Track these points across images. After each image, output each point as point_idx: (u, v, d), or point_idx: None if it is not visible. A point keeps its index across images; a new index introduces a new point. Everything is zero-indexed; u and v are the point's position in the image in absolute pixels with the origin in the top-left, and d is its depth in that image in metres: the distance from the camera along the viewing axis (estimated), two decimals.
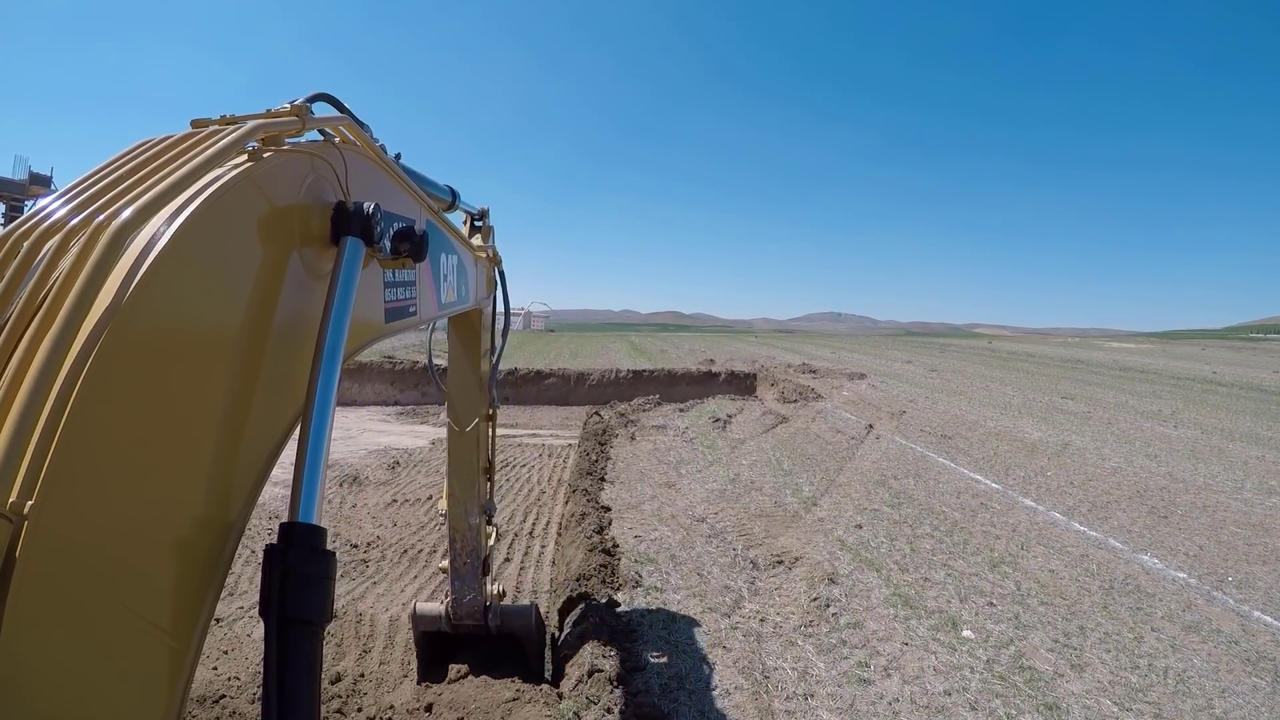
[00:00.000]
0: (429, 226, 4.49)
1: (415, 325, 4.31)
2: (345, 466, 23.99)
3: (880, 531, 13.30)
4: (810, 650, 8.83)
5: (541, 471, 22.81)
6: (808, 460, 19.99)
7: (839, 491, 16.45)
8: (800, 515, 14.49)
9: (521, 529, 16.85)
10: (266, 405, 2.45)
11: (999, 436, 23.13)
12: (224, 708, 9.56)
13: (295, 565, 2.25)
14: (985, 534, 13.18)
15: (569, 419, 33.38)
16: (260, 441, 2.43)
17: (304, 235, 2.67)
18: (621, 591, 10.58)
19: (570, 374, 40.08)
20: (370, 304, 3.50)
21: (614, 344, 77.00)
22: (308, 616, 2.27)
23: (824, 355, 59.76)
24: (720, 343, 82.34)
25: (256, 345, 2.38)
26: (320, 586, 2.32)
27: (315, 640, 2.30)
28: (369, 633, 11.88)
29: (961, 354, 68.98)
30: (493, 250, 7.04)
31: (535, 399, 38.41)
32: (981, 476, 17.79)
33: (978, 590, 10.59)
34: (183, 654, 2.00)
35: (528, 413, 36.10)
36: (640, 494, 16.42)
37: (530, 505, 18.87)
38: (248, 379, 2.33)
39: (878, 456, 20.34)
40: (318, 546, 2.34)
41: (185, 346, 1.99)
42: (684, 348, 68.43)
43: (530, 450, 26.34)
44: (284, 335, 2.55)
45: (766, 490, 16.54)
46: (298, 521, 2.33)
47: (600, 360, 49.86)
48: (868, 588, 10.71)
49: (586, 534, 12.90)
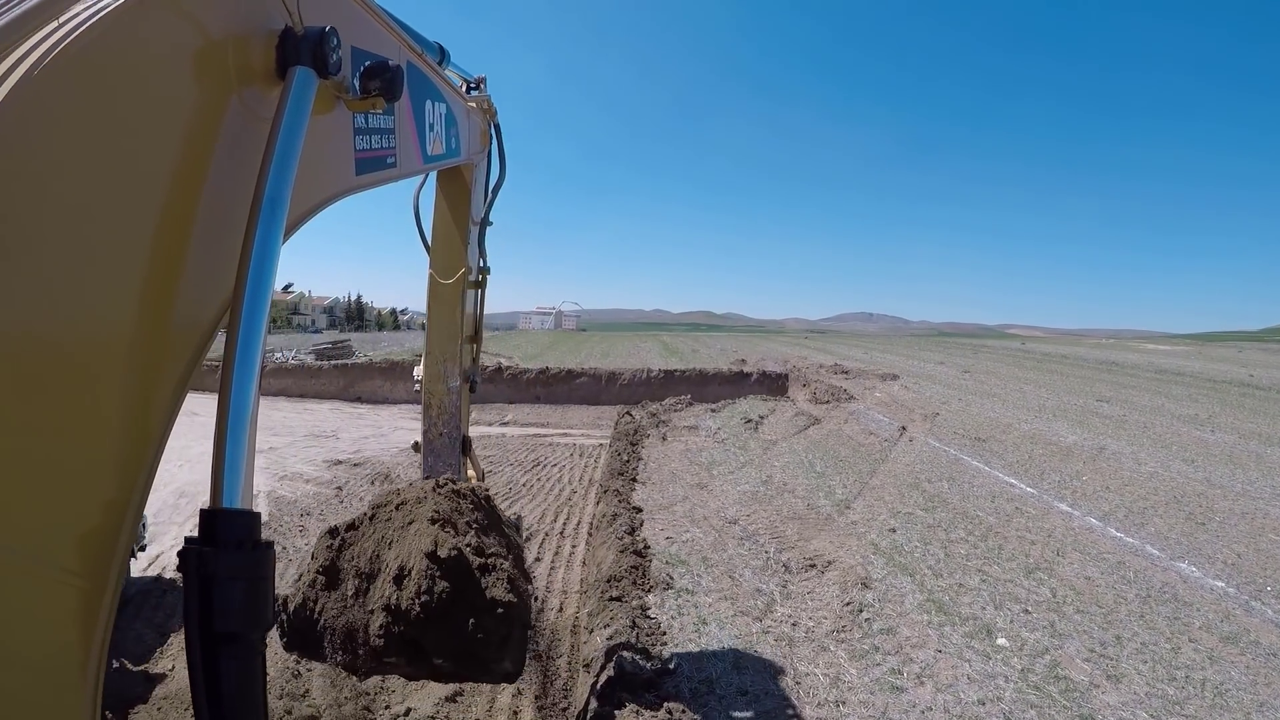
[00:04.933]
0: (409, 68, 4.04)
1: (395, 179, 3.94)
2: (377, 464, 24.13)
3: (914, 535, 13.18)
4: (842, 656, 8.76)
5: (572, 471, 22.84)
6: (840, 462, 19.89)
7: (872, 494, 16.34)
8: (833, 518, 14.41)
9: (552, 529, 16.88)
10: (192, 289, 2.07)
11: (1033, 440, 22.86)
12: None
13: (220, 568, 1.94)
14: (1020, 539, 13.03)
15: (600, 418, 33.44)
16: (183, 333, 2.05)
17: (243, 72, 2.25)
18: (653, 593, 10.57)
19: (602, 373, 40.11)
20: (336, 152, 3.09)
21: (645, 344, 76.96)
22: (237, 629, 1.98)
23: (856, 356, 59.40)
24: (752, 343, 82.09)
25: (177, 218, 2.00)
26: (253, 589, 2.01)
27: (251, 658, 2.03)
28: None
29: (995, 355, 68.37)
30: (487, 102, 6.51)
31: (566, 398, 38.40)
32: (1016, 480, 17.59)
33: (1013, 597, 10.47)
34: (98, 594, 1.74)
35: (559, 412, 36.17)
36: (672, 495, 16.40)
37: (561, 505, 18.90)
38: (167, 256, 1.96)
39: (911, 459, 20.16)
40: (246, 539, 2.01)
41: (68, 219, 1.62)
42: (715, 347, 68.31)
43: (561, 450, 26.39)
44: (218, 201, 2.16)
45: (799, 492, 16.47)
46: (220, 508, 1.98)
47: (632, 360, 49.82)
48: (901, 593, 10.61)
49: (618, 535, 12.89)
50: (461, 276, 6.84)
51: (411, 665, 4.22)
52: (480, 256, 7.10)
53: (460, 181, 6.69)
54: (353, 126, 3.18)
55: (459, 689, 10.00)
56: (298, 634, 4.38)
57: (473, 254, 6.97)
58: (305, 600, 4.36)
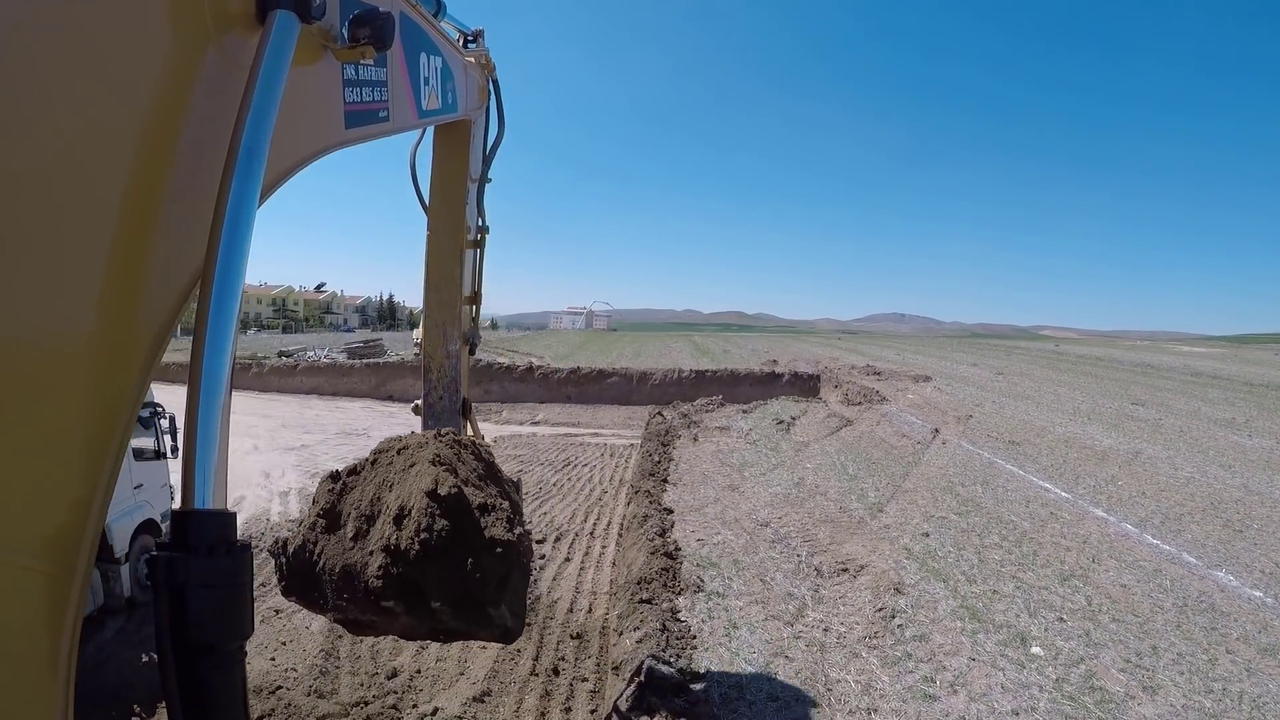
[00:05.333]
0: (402, 18, 3.90)
1: (388, 133, 3.84)
2: None
3: (948, 540, 13.09)
4: (874, 662, 8.71)
5: (603, 471, 22.89)
6: (873, 465, 19.80)
7: (905, 498, 16.25)
8: (866, 522, 14.34)
9: (582, 529, 16.94)
10: (161, 260, 1.95)
11: (1068, 443, 22.65)
12: (279, 699, 9.73)
13: (192, 575, 1.82)
14: (1055, 545, 12.90)
15: (631, 419, 33.48)
16: (154, 302, 1.94)
17: (220, 17, 2.14)
18: (683, 596, 10.55)
19: (633, 373, 40.18)
20: (325, 104, 2.98)
21: (677, 344, 76.95)
22: (215, 640, 1.87)
23: (888, 357, 59.06)
24: (783, 343, 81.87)
25: (148, 178, 1.89)
26: (230, 597, 1.91)
27: (230, 669, 1.92)
28: None
29: (1028, 357, 67.78)
30: (485, 57, 6.33)
31: (597, 398, 38.49)
32: (1051, 485, 17.43)
33: (1047, 604, 10.36)
34: (67, 580, 1.67)
35: (590, 411, 36.29)
36: (703, 496, 16.39)
37: (591, 505, 18.95)
38: (135, 221, 1.85)
39: (944, 462, 20.05)
40: (219, 542, 1.89)
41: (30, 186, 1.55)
42: (747, 348, 68.16)
43: (592, 449, 26.45)
44: (193, 162, 2.04)
45: (831, 495, 16.41)
46: (193, 510, 1.88)
47: (663, 360, 49.87)
48: (934, 599, 10.53)
49: (648, 536, 12.88)
50: (460, 236, 6.70)
51: (410, 613, 4.16)
52: (479, 215, 6.95)
53: (458, 138, 6.50)
54: (342, 78, 3.08)
55: (487, 689, 10.06)
56: (296, 577, 4.29)
57: (471, 213, 6.81)
58: (305, 543, 4.29)
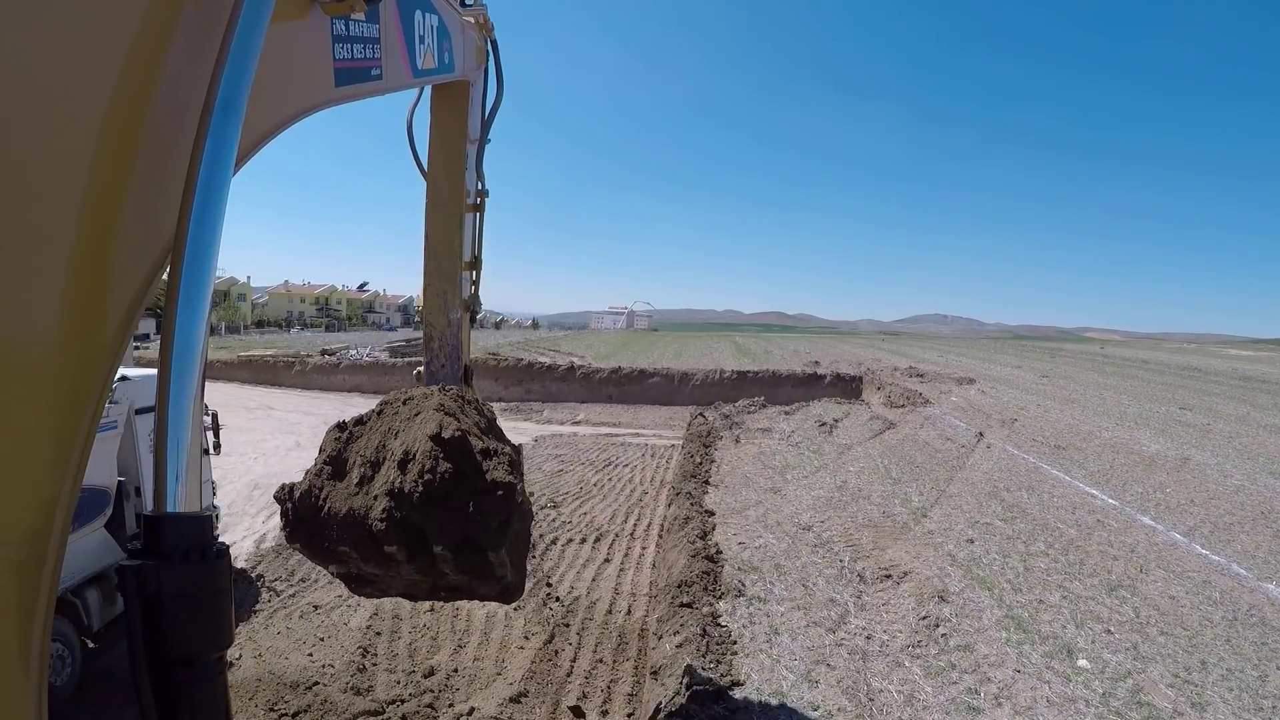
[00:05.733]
0: None
1: (381, 92, 3.78)
2: None
3: (993, 547, 12.96)
4: (918, 672, 8.63)
5: (644, 472, 22.86)
6: (916, 468, 19.65)
7: (949, 503, 16.12)
8: (909, 527, 14.23)
9: (623, 530, 16.91)
10: (136, 227, 1.87)
11: (1115, 448, 22.38)
12: (315, 695, 9.79)
13: (165, 584, 1.73)
14: (1102, 554, 12.73)
15: (672, 419, 33.42)
16: (124, 278, 1.85)
17: None
18: (724, 600, 10.53)
19: (674, 373, 40.14)
20: (313, 60, 2.89)
21: (718, 344, 76.88)
22: (193, 651, 1.78)
23: (931, 359, 58.66)
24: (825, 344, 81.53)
25: (120, 142, 1.80)
26: (207, 605, 1.82)
27: (210, 682, 1.83)
28: (465, 627, 12.05)
29: (1073, 359, 67.02)
30: (483, 16, 6.16)
31: (639, 398, 38.50)
32: (1097, 491, 17.21)
33: (1094, 616, 10.23)
34: (36, 573, 1.60)
35: (630, 412, 36.29)
36: (745, 499, 16.33)
37: (632, 506, 18.92)
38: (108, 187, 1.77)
39: (989, 466, 19.88)
40: (194, 548, 1.80)
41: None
42: (788, 349, 67.98)
43: (633, 450, 26.43)
44: (168, 124, 1.93)
45: (874, 499, 16.30)
46: (164, 513, 1.79)
47: (704, 360, 49.81)
48: (979, 608, 10.43)
49: (689, 539, 12.86)
50: (460, 201, 6.55)
51: (412, 561, 4.20)
52: (478, 179, 6.76)
53: (456, 100, 6.32)
54: (330, 33, 3.01)
55: (524, 689, 10.08)
56: (302, 523, 4.34)
57: (470, 177, 6.64)
58: (310, 488, 4.34)
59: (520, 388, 39.86)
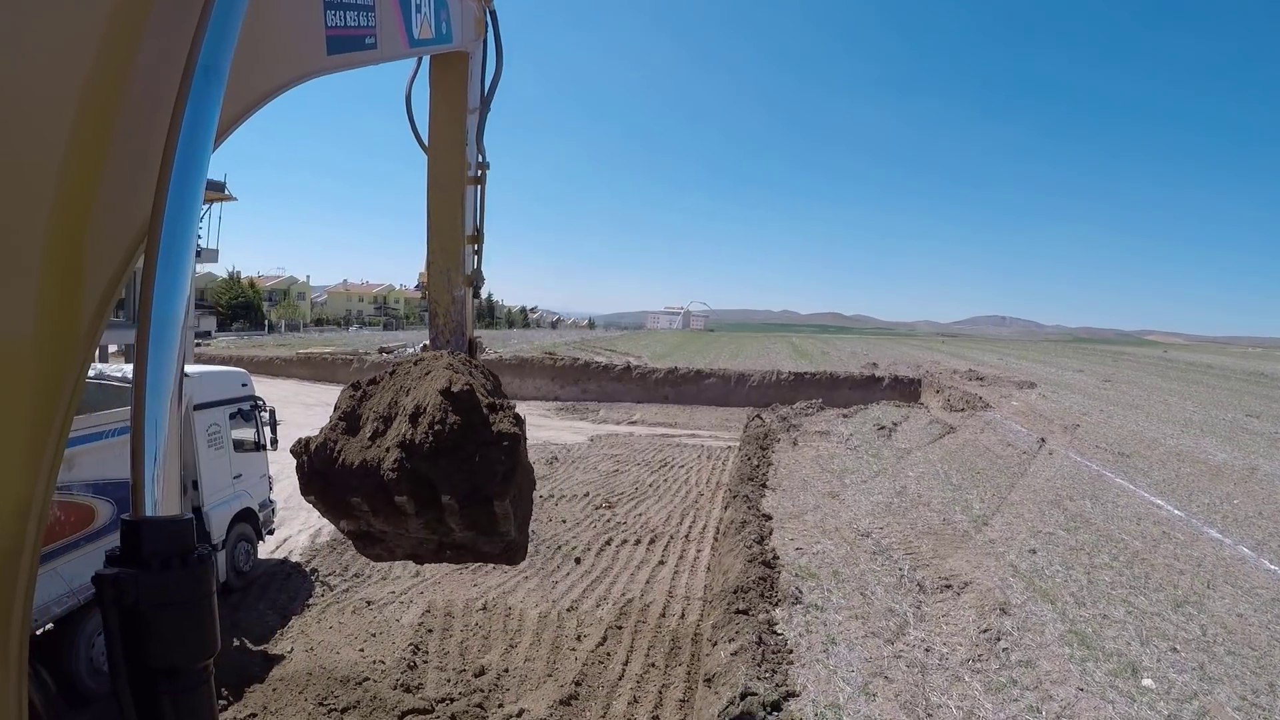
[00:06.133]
0: None
1: (376, 61, 3.66)
2: None
3: (1055, 558, 12.52)
4: (978, 688, 8.28)
5: (700, 473, 22.68)
6: (977, 475, 19.19)
7: (1011, 511, 15.68)
8: (970, 535, 13.84)
9: (678, 532, 16.74)
10: (112, 208, 1.76)
11: (1180, 457, 21.66)
12: (365, 691, 9.73)
13: (144, 594, 1.61)
14: (1168, 568, 12.22)
15: (729, 420, 33.20)
16: (99, 263, 1.75)
17: None
18: (780, 607, 10.26)
19: (730, 374, 39.92)
20: (302, 27, 2.78)
21: (775, 345, 76.35)
22: (177, 662, 1.68)
23: (990, 361, 57.69)
24: (882, 346, 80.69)
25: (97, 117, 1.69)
26: (191, 613, 1.71)
27: (195, 692, 1.73)
28: (517, 627, 11.94)
29: (1135, 363, 65.46)
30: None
31: (695, 399, 38.33)
32: (1163, 501, 16.62)
33: (1160, 633, 9.77)
34: (11, 569, 1.53)
35: (687, 412, 36.10)
36: (802, 503, 16.03)
37: (687, 508, 18.74)
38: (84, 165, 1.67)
39: (1051, 474, 19.34)
40: (174, 554, 1.68)
41: None
42: (846, 350, 67.34)
43: (689, 451, 26.25)
44: (146, 94, 1.82)
45: (934, 505, 15.92)
46: (144, 518, 1.68)
47: (761, 361, 49.46)
48: (1041, 621, 10.03)
49: (746, 543, 12.61)
50: (461, 176, 6.40)
51: (420, 515, 4.30)
52: (479, 152, 6.62)
53: (455, 72, 6.17)
54: (322, 0, 2.93)
55: (574, 692, 9.94)
56: (318, 476, 4.41)
57: (471, 149, 6.50)
58: (326, 442, 4.44)
59: (576, 387, 39.92)
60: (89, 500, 9.92)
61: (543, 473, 22.83)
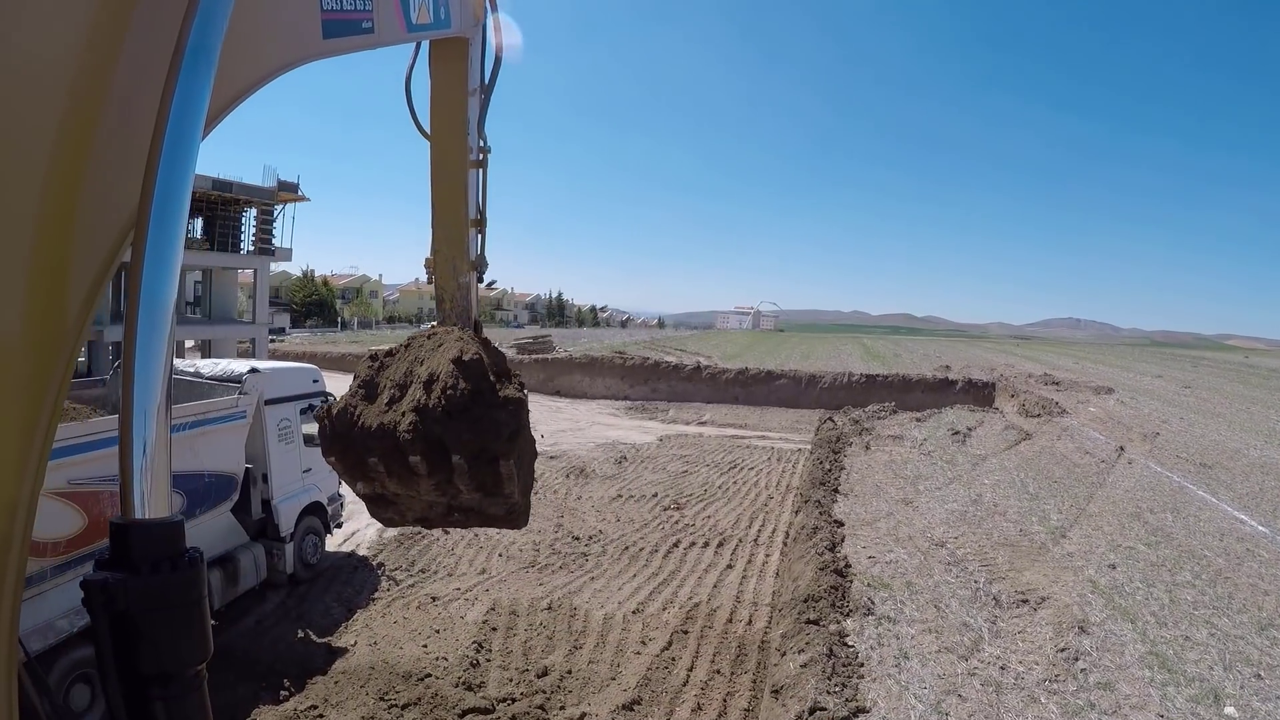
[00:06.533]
0: None
1: (373, 46, 3.61)
2: (573, 458, 24.40)
3: (1135, 574, 12.02)
4: (1054, 711, 7.94)
5: (769, 476, 22.48)
6: (1054, 484, 18.64)
7: (1089, 523, 15.16)
8: (1047, 547, 13.40)
9: (746, 535, 16.57)
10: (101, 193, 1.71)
11: (1265, 469, 20.69)
12: (427, 687, 9.74)
13: (135, 600, 1.58)
14: (1252, 588, 11.64)
15: (799, 422, 32.91)
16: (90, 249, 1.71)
17: None
18: (851, 618, 10.01)
19: (801, 376, 39.57)
20: (298, 10, 2.73)
21: (845, 346, 75.54)
22: (169, 668, 1.65)
23: (1066, 365, 56.31)
24: (955, 348, 79.38)
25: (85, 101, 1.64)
26: (182, 617, 1.68)
27: (189, 698, 1.68)
28: (582, 628, 11.87)
29: (1216, 369, 63.18)
30: None
31: (765, 400, 38.04)
32: (1247, 517, 15.90)
33: (1244, 658, 9.29)
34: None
35: (757, 413, 35.86)
36: (875, 509, 15.71)
37: (756, 511, 18.57)
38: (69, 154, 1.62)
39: (1130, 484, 18.67)
40: (164, 557, 1.64)
41: None
42: (918, 352, 66.38)
43: (759, 453, 26.04)
44: (135, 77, 1.76)
45: (1010, 515, 15.48)
46: (134, 520, 1.63)
47: (832, 362, 48.94)
48: (1121, 641, 9.61)
49: (818, 550, 12.37)
50: (463, 166, 6.22)
51: (432, 474, 4.55)
52: (480, 137, 6.40)
53: (455, 58, 5.95)
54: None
55: (638, 696, 9.85)
56: (338, 438, 4.68)
57: (473, 135, 6.29)
58: (346, 407, 4.71)
59: (646, 386, 39.86)
60: None
61: (611, 472, 22.89)
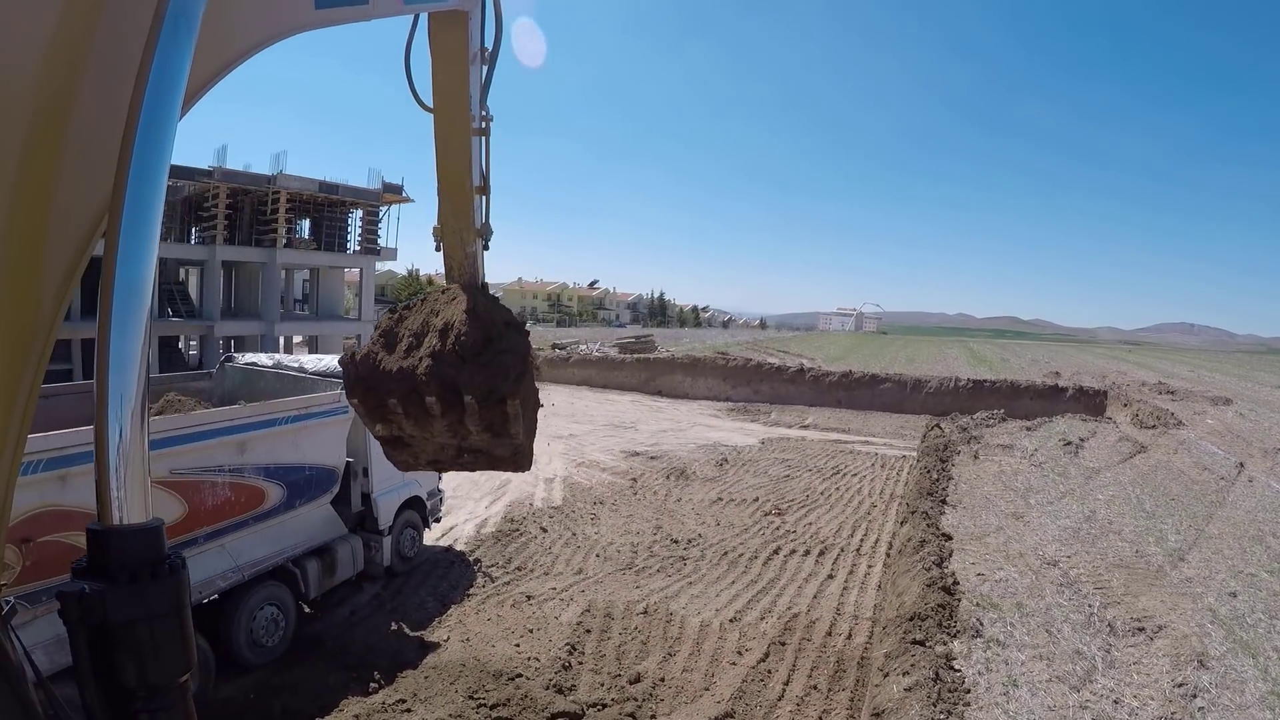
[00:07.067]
0: None
1: (367, 17, 3.51)
2: (674, 458, 24.34)
3: (1258, 604, 11.30)
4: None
5: (873, 483, 22.08)
6: (1171, 501, 17.77)
7: (1209, 545, 14.38)
8: (1164, 571, 12.73)
9: (849, 544, 16.29)
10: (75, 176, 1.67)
11: None
12: (517, 688, 9.72)
13: (112, 612, 1.52)
14: None
15: (904, 428, 32.34)
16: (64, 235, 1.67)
17: None
18: (959, 640, 9.64)
19: (906, 380, 38.80)
20: None
21: (951, 349, 74.01)
22: (153, 680, 1.60)
23: (1180, 373, 53.95)
24: (1064, 353, 77.10)
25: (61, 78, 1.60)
26: (165, 627, 1.61)
27: (173, 710, 1.63)
28: (677, 635, 11.74)
29: None
30: None
31: (869, 404, 37.42)
32: None
33: None
34: None
35: (860, 418, 35.30)
36: (985, 523, 15.16)
37: (859, 519, 18.24)
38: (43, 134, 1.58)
39: (1252, 504, 17.67)
40: (144, 565, 1.59)
41: None
42: (1026, 357, 64.68)
43: (862, 458, 25.65)
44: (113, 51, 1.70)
45: (1126, 534, 14.79)
46: (112, 527, 1.58)
47: (937, 367, 48.00)
48: (1242, 679, 8.99)
49: (924, 565, 11.95)
50: (466, 138, 6.09)
51: (445, 414, 4.95)
52: (482, 107, 6.26)
53: (454, 32, 5.74)
54: None
55: (731, 709, 9.71)
56: (361, 381, 5.02)
57: (474, 105, 6.13)
58: (369, 353, 5.08)
59: (748, 388, 39.60)
60: (260, 483, 10.71)
61: (712, 474, 22.76)
